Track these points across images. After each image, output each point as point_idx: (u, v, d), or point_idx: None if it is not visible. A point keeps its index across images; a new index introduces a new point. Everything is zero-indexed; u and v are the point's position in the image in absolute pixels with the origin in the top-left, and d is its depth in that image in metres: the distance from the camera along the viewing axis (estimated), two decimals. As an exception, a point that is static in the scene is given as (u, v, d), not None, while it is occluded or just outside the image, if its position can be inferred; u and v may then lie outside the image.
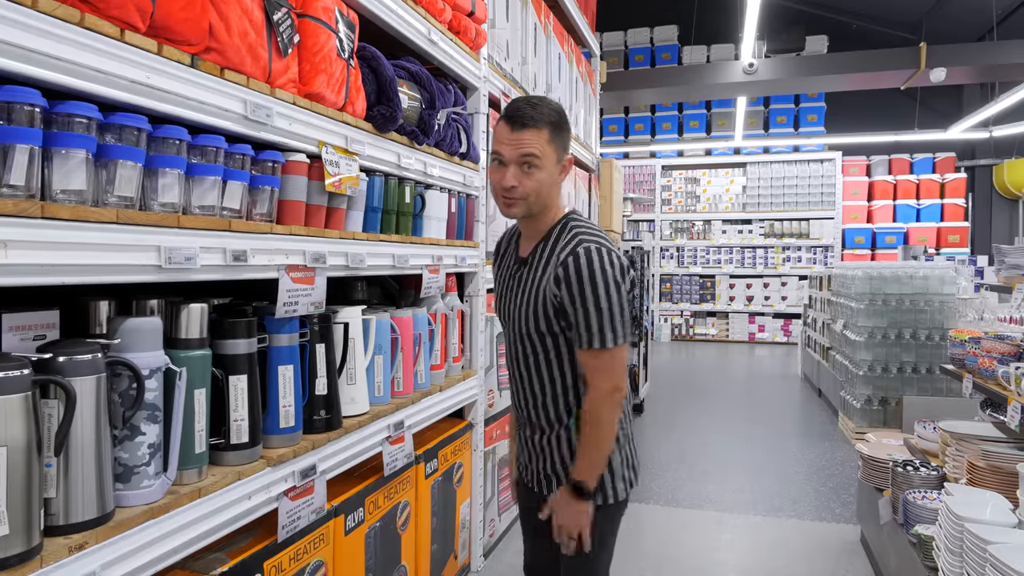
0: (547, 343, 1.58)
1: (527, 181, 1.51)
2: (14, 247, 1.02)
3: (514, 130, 1.50)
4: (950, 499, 1.98)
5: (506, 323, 1.68)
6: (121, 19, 1.19)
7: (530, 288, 1.57)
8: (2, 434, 1.02)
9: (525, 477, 1.74)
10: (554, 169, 1.56)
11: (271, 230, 1.61)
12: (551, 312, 1.53)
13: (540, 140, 1.50)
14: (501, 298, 1.71)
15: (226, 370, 1.50)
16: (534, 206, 1.55)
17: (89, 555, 1.15)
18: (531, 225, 1.62)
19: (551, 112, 1.54)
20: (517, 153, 1.50)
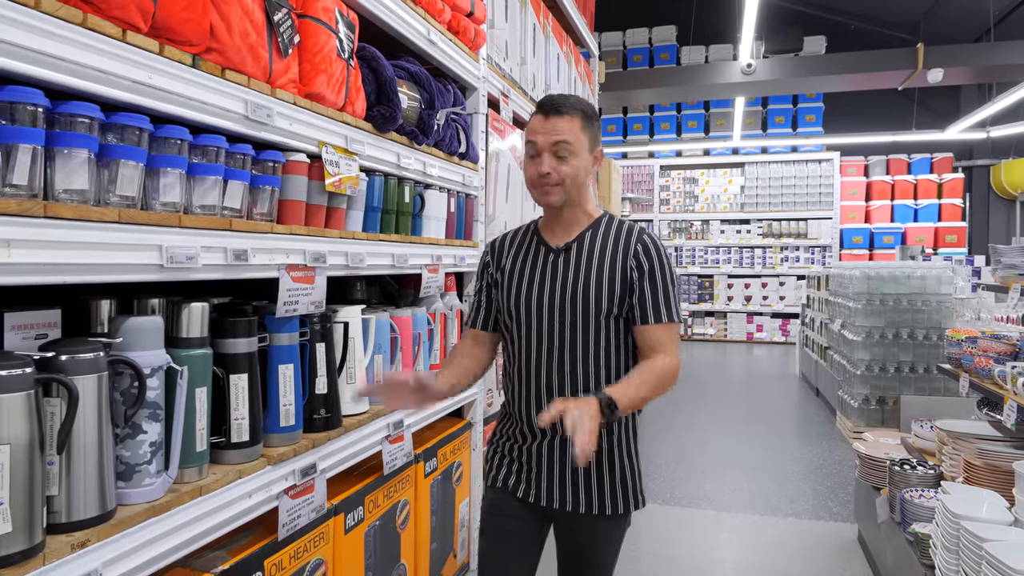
0: (606, 325, 1.56)
1: (562, 167, 1.54)
2: (17, 246, 1.03)
3: (547, 118, 1.54)
4: (947, 497, 1.99)
5: (528, 311, 1.61)
6: (123, 19, 1.20)
7: (589, 268, 1.57)
8: (5, 432, 1.02)
9: (519, 492, 1.64)
10: (587, 157, 1.59)
11: (272, 229, 1.61)
12: (621, 291, 1.55)
13: (573, 127, 1.54)
14: (521, 284, 1.64)
15: (227, 369, 1.51)
16: (571, 191, 1.57)
17: (91, 552, 1.15)
18: (565, 215, 1.62)
19: (581, 102, 1.59)
20: (550, 140, 1.53)
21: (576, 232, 1.63)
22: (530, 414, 1.61)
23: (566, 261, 1.61)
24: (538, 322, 1.61)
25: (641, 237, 1.60)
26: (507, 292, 1.67)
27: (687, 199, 11.62)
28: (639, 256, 1.57)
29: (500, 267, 1.71)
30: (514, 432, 1.67)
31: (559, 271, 1.61)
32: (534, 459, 1.62)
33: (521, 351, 1.64)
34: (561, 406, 1.33)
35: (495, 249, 1.75)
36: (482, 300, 1.75)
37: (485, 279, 1.75)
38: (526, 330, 1.62)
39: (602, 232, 1.62)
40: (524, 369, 1.63)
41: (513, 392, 1.67)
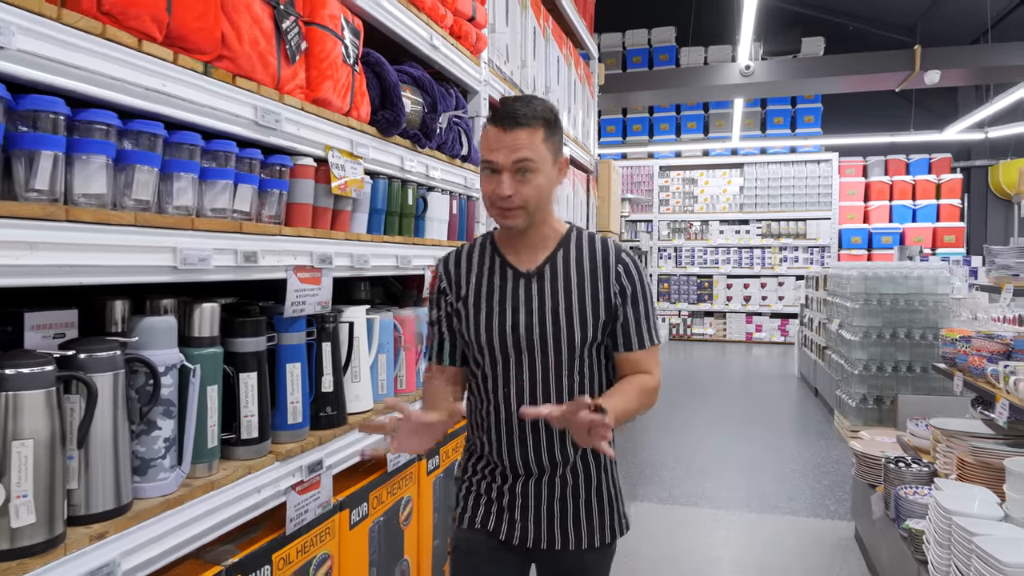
0: (589, 355, 1.46)
1: (524, 188, 1.37)
2: (41, 248, 1.07)
3: (506, 131, 1.36)
4: (939, 494, 2.03)
5: (506, 343, 1.45)
6: (139, 30, 1.24)
7: (569, 295, 1.44)
8: (28, 427, 1.07)
9: (500, 531, 1.52)
10: (552, 171, 1.43)
11: (280, 232, 1.66)
12: (606, 317, 1.44)
13: (535, 140, 1.37)
14: (489, 314, 1.47)
15: (237, 367, 1.55)
16: (535, 213, 1.42)
17: (109, 544, 1.19)
18: (530, 235, 1.48)
19: (544, 109, 1.40)
20: (511, 159, 1.35)
21: (545, 253, 1.48)
22: (513, 456, 1.47)
23: (540, 288, 1.45)
24: (517, 358, 1.45)
25: (620, 256, 1.48)
26: (473, 325, 1.48)
27: (686, 199, 11.67)
28: (621, 279, 1.46)
29: (460, 296, 1.51)
30: (492, 472, 1.53)
31: (533, 300, 1.45)
32: (518, 499, 1.49)
33: (496, 389, 1.47)
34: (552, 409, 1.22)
35: (450, 273, 1.54)
36: (444, 331, 1.55)
37: (444, 307, 1.54)
38: (502, 367, 1.46)
39: (575, 252, 1.48)
40: (502, 409, 1.46)
41: (488, 434, 1.50)
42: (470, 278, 1.51)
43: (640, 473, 4.30)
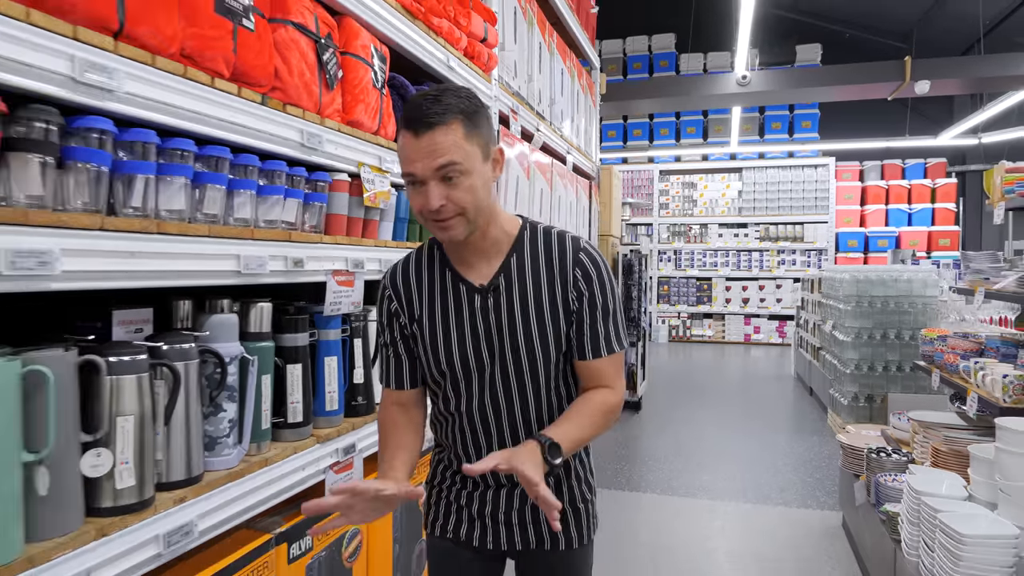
0: (555, 368, 1.36)
1: (456, 194, 1.22)
2: (138, 256, 1.28)
3: (419, 136, 1.20)
4: (912, 478, 2.24)
5: (469, 366, 1.36)
6: (212, 69, 1.45)
7: (527, 306, 1.33)
8: (128, 406, 1.27)
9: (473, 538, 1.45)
10: (483, 167, 1.27)
11: (321, 240, 1.87)
12: (567, 326, 1.34)
13: (454, 139, 1.20)
14: (445, 335, 1.36)
15: (285, 359, 1.76)
16: (476, 219, 1.27)
17: (188, 507, 1.40)
18: (477, 243, 1.34)
19: (458, 100, 1.23)
20: (431, 166, 1.20)
21: (498, 261, 1.36)
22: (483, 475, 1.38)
23: (496, 303, 1.34)
24: (479, 381, 1.36)
25: (578, 257, 1.35)
26: (432, 349, 1.37)
27: (686, 203, 11.88)
28: (579, 283, 1.33)
29: (413, 316, 1.39)
30: (462, 480, 1.46)
31: (491, 316, 1.34)
32: (488, 506, 1.43)
33: (460, 411, 1.39)
34: (499, 460, 1.15)
35: (399, 291, 1.41)
36: (399, 352, 1.43)
37: (396, 330, 1.42)
38: (465, 389, 1.37)
39: (529, 254, 1.36)
40: (468, 429, 1.39)
41: (460, 445, 1.42)
42: (422, 297, 1.39)
43: (641, 465, 4.51)
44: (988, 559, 1.75)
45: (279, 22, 1.69)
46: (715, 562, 3.24)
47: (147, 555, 1.31)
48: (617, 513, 3.79)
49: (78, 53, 1.15)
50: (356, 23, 2.03)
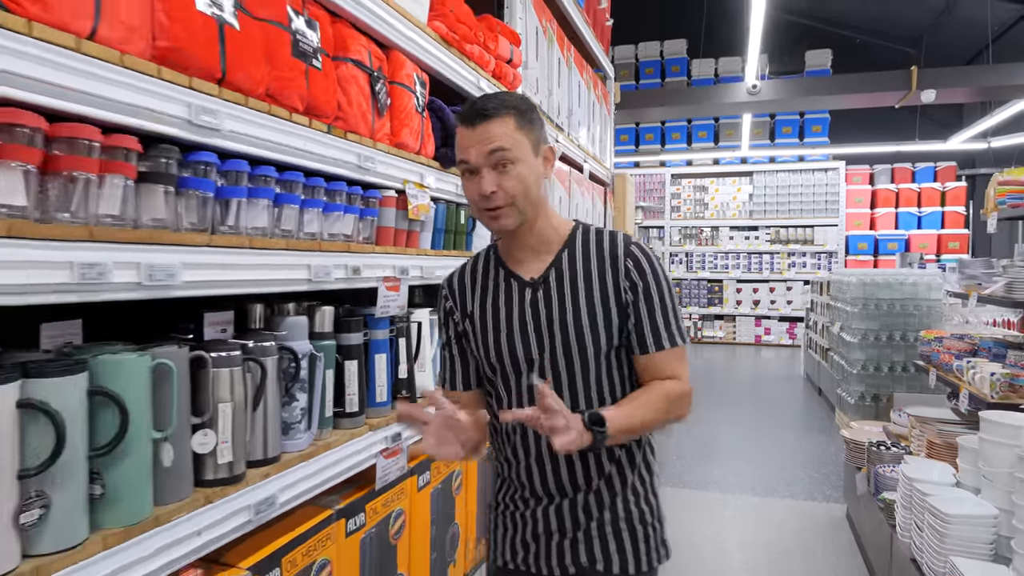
0: (607, 362, 1.36)
1: (506, 181, 1.29)
2: (235, 268, 1.51)
3: (474, 127, 1.29)
4: (906, 467, 2.45)
5: (518, 359, 1.38)
6: (290, 105, 1.69)
7: (577, 297, 1.35)
8: (227, 394, 1.51)
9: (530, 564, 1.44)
10: (535, 161, 1.33)
11: (373, 250, 2.10)
12: (619, 319, 1.35)
13: (507, 129, 1.28)
14: (496, 329, 1.39)
15: (344, 356, 1.99)
16: (526, 209, 1.33)
17: (271, 482, 1.64)
18: (527, 239, 1.39)
19: (511, 98, 1.34)
20: (484, 151, 1.28)
21: (549, 257, 1.40)
22: (532, 479, 1.40)
23: (547, 296, 1.37)
24: (528, 371, 1.38)
25: (629, 249, 1.37)
26: (483, 343, 1.41)
27: (697, 206, 12.05)
28: (631, 274, 1.35)
29: (467, 313, 1.44)
30: (515, 498, 1.46)
31: (541, 310, 1.36)
32: (541, 524, 1.41)
33: (516, 404, 1.40)
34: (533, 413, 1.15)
35: (454, 291, 1.48)
36: (455, 354, 1.48)
37: (451, 328, 1.48)
38: (515, 383, 1.39)
39: (580, 251, 1.39)
40: (519, 429, 1.39)
41: (508, 455, 1.43)
42: (475, 293, 1.44)
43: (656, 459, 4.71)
44: (970, 536, 1.95)
45: (341, 60, 1.93)
46: (725, 551, 3.45)
47: (241, 521, 1.54)
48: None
49: (193, 100, 1.39)
50: (402, 55, 2.27)
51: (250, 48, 1.54)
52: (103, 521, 1.26)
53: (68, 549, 1.18)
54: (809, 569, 3.19)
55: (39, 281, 1.10)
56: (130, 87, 1.25)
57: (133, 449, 1.28)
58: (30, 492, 1.12)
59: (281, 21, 1.67)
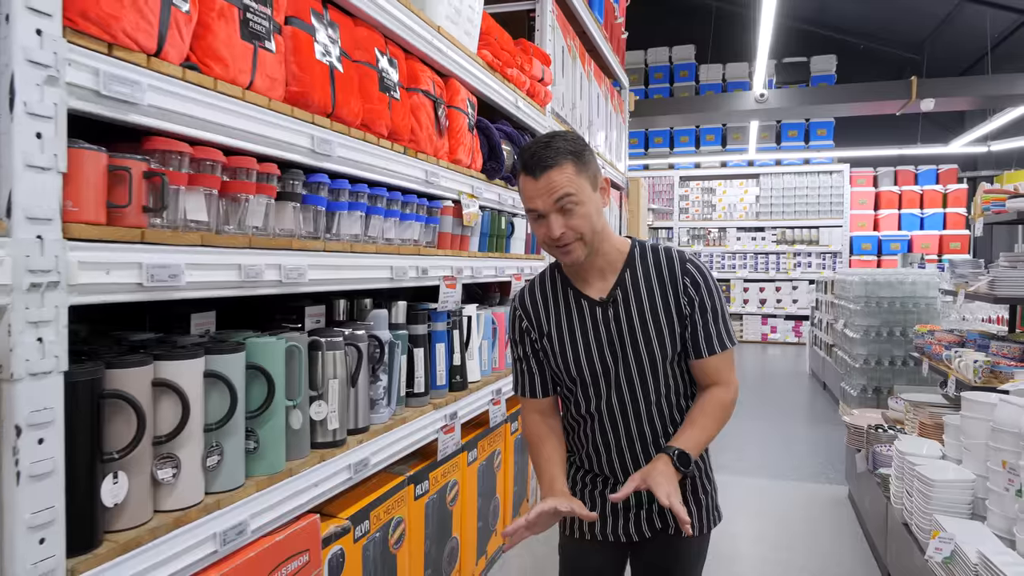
0: (672, 367, 1.53)
1: (574, 221, 1.42)
2: (341, 269, 1.84)
3: (538, 179, 1.41)
4: (899, 443, 2.76)
5: (588, 371, 1.54)
6: (377, 132, 2.02)
7: (643, 315, 1.50)
8: (333, 372, 1.83)
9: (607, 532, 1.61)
10: (595, 196, 1.46)
11: (435, 253, 2.43)
12: (680, 329, 1.50)
13: (568, 175, 1.40)
14: (572, 346, 1.54)
15: (413, 344, 2.32)
16: (592, 241, 1.46)
17: (365, 447, 1.97)
18: (595, 261, 1.52)
19: (567, 144, 1.43)
20: (551, 200, 1.41)
21: (613, 277, 1.53)
22: (613, 468, 1.58)
23: (616, 313, 1.51)
24: (606, 383, 1.53)
25: (685, 267, 1.52)
26: (561, 358, 1.56)
27: (705, 208, 12.35)
28: (688, 290, 1.50)
29: (543, 332, 1.58)
30: (595, 481, 1.63)
31: (612, 326, 1.51)
32: (620, 502, 1.56)
33: (592, 413, 1.56)
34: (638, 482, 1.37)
35: (528, 311, 1.61)
36: (532, 367, 1.62)
37: (528, 344, 1.62)
38: (594, 392, 1.55)
39: (641, 270, 1.53)
40: (599, 430, 1.56)
41: (590, 446, 1.60)
42: (548, 314, 1.57)
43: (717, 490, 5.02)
44: (951, 498, 2.27)
45: (413, 90, 2.26)
46: (736, 525, 3.76)
47: (343, 479, 1.87)
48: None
49: (315, 132, 1.72)
50: (458, 82, 2.59)
51: (350, 87, 1.88)
52: (253, 470, 1.59)
53: (232, 489, 1.51)
54: (813, 539, 3.50)
55: (218, 279, 1.43)
56: (274, 125, 1.58)
57: (275, 413, 1.61)
58: (212, 443, 1.45)
59: (371, 62, 2.00)
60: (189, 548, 1.35)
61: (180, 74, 1.31)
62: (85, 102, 1.14)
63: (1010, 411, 2.11)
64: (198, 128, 1.37)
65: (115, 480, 1.22)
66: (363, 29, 1.99)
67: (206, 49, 1.39)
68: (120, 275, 1.19)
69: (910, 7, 9.79)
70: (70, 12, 1.10)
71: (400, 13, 2.13)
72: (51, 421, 1.08)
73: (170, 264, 1.28)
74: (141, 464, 1.29)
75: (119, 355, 1.30)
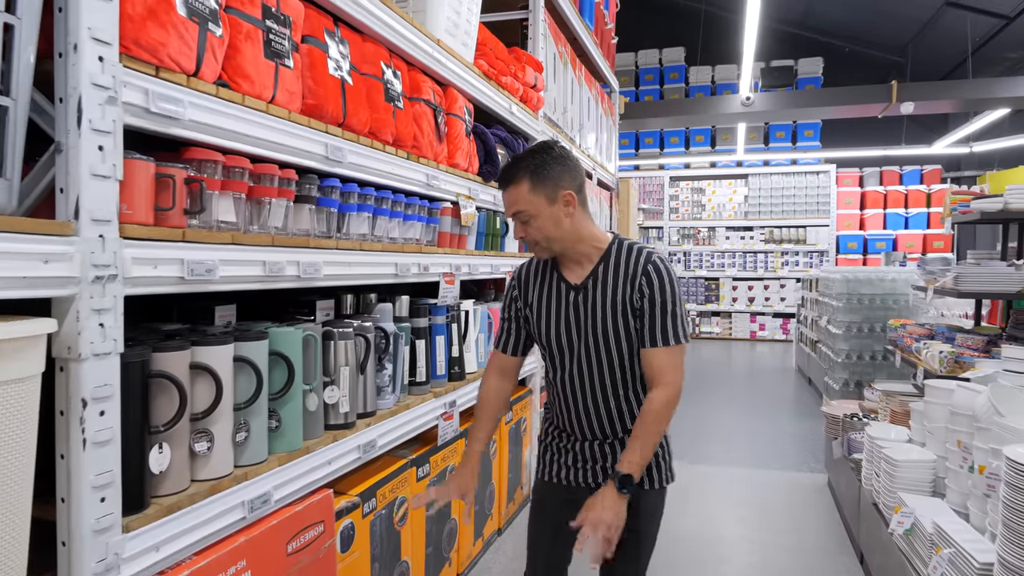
0: (628, 351, 1.70)
1: (530, 230, 1.69)
2: (352, 265, 2.01)
3: (504, 192, 1.69)
4: (869, 428, 2.95)
5: (561, 343, 1.76)
6: (383, 139, 2.18)
7: (604, 304, 1.70)
8: (344, 359, 2.00)
9: (569, 478, 1.83)
10: (549, 210, 1.65)
11: (435, 251, 2.60)
12: (632, 316, 1.68)
13: (521, 193, 1.65)
14: (550, 319, 1.77)
15: (415, 337, 2.49)
16: (555, 245, 1.70)
17: (372, 429, 2.13)
18: (571, 255, 1.74)
19: (526, 163, 1.66)
20: (511, 212, 1.70)
21: (589, 268, 1.74)
22: (573, 425, 1.80)
23: (583, 298, 1.72)
24: (570, 355, 1.75)
25: (646, 265, 1.68)
26: (537, 327, 1.81)
27: (695, 208, 12.56)
28: (643, 286, 1.67)
29: (528, 303, 1.83)
30: (561, 436, 1.86)
31: (580, 308, 1.72)
32: (580, 455, 1.81)
33: (561, 375, 1.79)
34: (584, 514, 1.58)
35: (521, 282, 1.87)
36: (511, 328, 1.88)
37: (514, 309, 1.87)
38: (559, 360, 1.78)
39: (612, 264, 1.71)
40: (566, 389, 1.79)
41: (558, 405, 1.83)
42: (534, 289, 1.82)
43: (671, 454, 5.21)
44: (914, 477, 2.45)
45: (415, 100, 2.42)
46: (722, 508, 3.95)
47: (353, 457, 2.04)
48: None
49: (328, 141, 1.89)
50: (456, 91, 2.76)
51: (359, 98, 2.04)
52: (275, 448, 1.76)
53: (257, 463, 1.67)
54: (792, 522, 3.69)
55: (247, 274, 1.60)
56: (293, 135, 1.75)
57: (294, 396, 1.78)
58: (240, 420, 1.62)
59: (377, 74, 2.16)
60: (222, 513, 1.52)
61: (214, 91, 1.48)
62: (137, 118, 1.30)
63: (966, 396, 2.30)
64: (228, 139, 1.54)
65: (160, 450, 1.39)
66: (370, 44, 2.16)
67: (235, 68, 1.55)
68: (165, 269, 1.36)
69: (892, 12, 10.02)
70: (125, 40, 1.26)
71: (403, 28, 2.29)
72: (110, 396, 1.24)
73: (206, 260, 1.45)
74: (181, 437, 1.45)
75: (158, 342, 1.46)
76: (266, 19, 1.65)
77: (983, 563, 1.75)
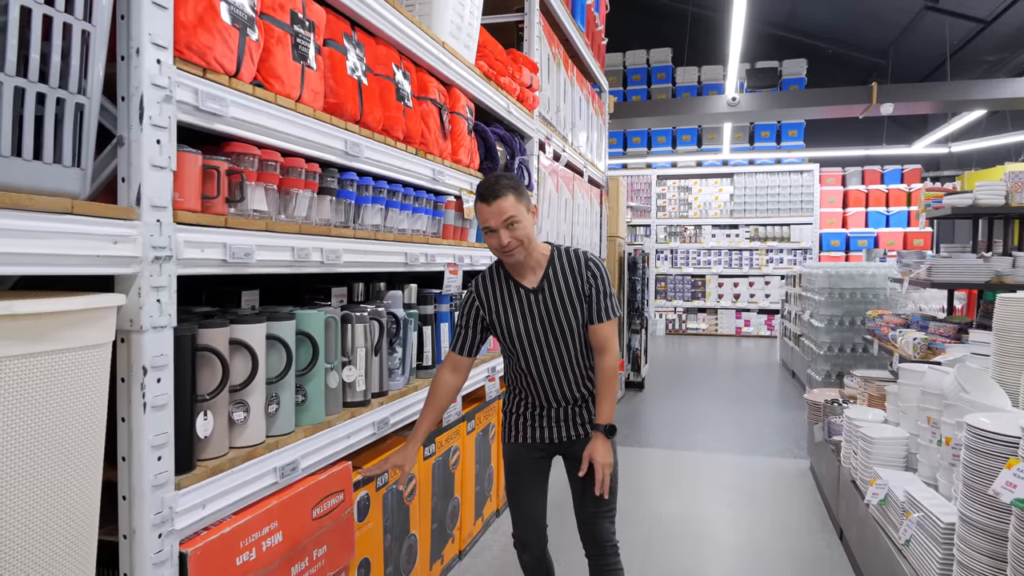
0: (576, 329, 2.07)
1: (516, 233, 1.96)
2: (367, 253, 2.15)
3: (491, 205, 1.94)
4: (848, 411, 3.13)
5: (526, 337, 2.08)
6: (395, 136, 2.33)
7: (561, 298, 2.06)
8: (360, 342, 2.14)
9: (544, 438, 2.15)
10: (527, 217, 2.00)
11: (440, 242, 2.74)
12: (583, 306, 2.07)
13: (510, 203, 1.94)
14: (515, 320, 2.08)
15: (422, 322, 2.64)
16: (529, 246, 2.02)
17: (385, 408, 2.28)
18: (528, 261, 2.06)
19: (509, 181, 1.98)
20: (501, 219, 1.94)
21: (540, 272, 2.08)
22: (541, 399, 2.13)
23: (543, 298, 2.06)
24: (537, 344, 2.08)
25: (587, 262, 2.08)
26: (504, 328, 2.10)
27: (681, 206, 12.77)
28: (588, 277, 2.06)
29: (490, 309, 2.12)
30: (528, 404, 2.18)
31: (541, 305, 2.06)
32: (545, 419, 2.15)
33: (528, 364, 2.11)
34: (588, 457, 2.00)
35: (482, 297, 2.14)
36: (468, 333, 2.14)
37: (474, 315, 2.14)
38: (528, 351, 2.09)
39: (559, 267, 2.08)
40: (533, 374, 2.11)
41: (528, 385, 2.15)
42: (496, 299, 2.11)
43: (647, 430, 5.39)
44: (888, 453, 2.64)
45: (423, 99, 2.57)
46: (709, 492, 4.13)
47: (369, 433, 2.18)
48: (628, 462, 4.68)
49: (347, 137, 2.03)
50: (459, 91, 2.91)
51: (374, 97, 2.19)
52: (300, 420, 1.90)
53: (285, 434, 1.82)
54: (775, 503, 3.87)
55: (278, 259, 1.74)
56: (317, 131, 1.89)
57: (317, 373, 1.92)
58: (272, 393, 1.76)
59: (388, 75, 2.31)
60: (257, 477, 1.66)
61: (251, 91, 1.62)
62: (187, 115, 1.44)
63: (936, 376, 2.48)
64: (263, 134, 1.68)
65: (205, 417, 1.53)
66: (382, 47, 2.30)
67: (268, 69, 1.69)
68: (211, 252, 1.50)
69: (874, 15, 10.28)
70: (178, 44, 1.40)
71: (413, 32, 2.44)
72: (166, 365, 1.38)
73: (245, 245, 1.59)
74: (222, 407, 1.59)
75: (201, 319, 1.60)
76: (294, 24, 1.79)
77: (947, 523, 1.93)
